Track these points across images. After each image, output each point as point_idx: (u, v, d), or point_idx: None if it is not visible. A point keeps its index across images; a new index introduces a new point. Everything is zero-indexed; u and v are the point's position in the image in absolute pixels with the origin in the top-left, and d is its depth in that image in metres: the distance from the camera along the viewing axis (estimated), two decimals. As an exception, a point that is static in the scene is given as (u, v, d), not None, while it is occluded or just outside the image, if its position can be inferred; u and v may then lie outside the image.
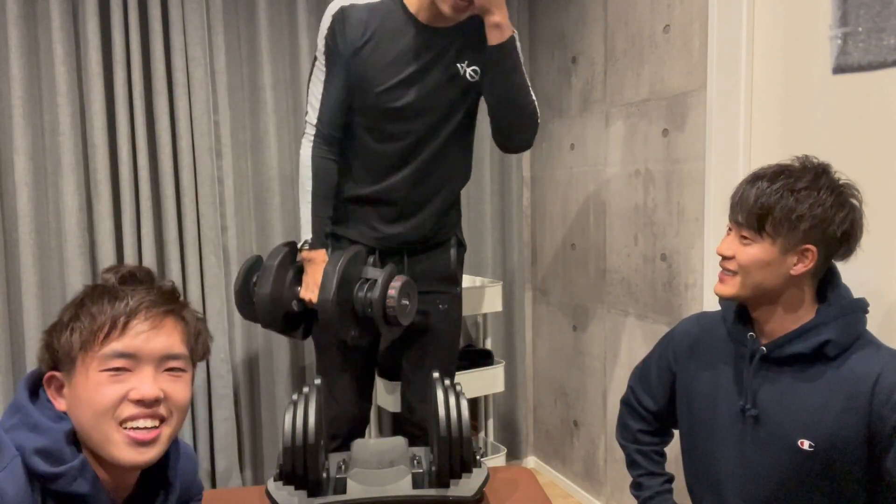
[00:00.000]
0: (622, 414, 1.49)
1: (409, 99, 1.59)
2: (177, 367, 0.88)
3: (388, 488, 1.22)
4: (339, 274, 1.51)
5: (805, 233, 1.11)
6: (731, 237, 1.18)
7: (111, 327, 0.83)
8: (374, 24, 1.58)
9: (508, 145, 1.68)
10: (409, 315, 1.61)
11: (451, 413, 1.21)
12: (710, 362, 1.29)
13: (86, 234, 2.11)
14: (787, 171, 1.14)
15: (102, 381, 0.82)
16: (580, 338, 2.54)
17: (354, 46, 1.58)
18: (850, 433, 1.10)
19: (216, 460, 2.30)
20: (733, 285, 1.18)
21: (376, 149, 1.64)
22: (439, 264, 1.76)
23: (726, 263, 1.19)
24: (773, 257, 1.13)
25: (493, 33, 1.51)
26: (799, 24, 1.61)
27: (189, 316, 0.92)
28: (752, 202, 1.13)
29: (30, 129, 2.02)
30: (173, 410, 0.87)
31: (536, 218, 2.81)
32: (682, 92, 1.96)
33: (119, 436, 0.82)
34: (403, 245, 1.71)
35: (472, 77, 1.62)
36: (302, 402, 1.21)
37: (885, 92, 1.42)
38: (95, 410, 0.82)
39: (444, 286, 1.76)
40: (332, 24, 1.58)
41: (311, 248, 1.64)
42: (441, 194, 1.70)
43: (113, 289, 0.87)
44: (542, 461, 2.86)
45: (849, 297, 1.17)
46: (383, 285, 1.54)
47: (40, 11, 2.03)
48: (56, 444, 0.81)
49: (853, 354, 1.12)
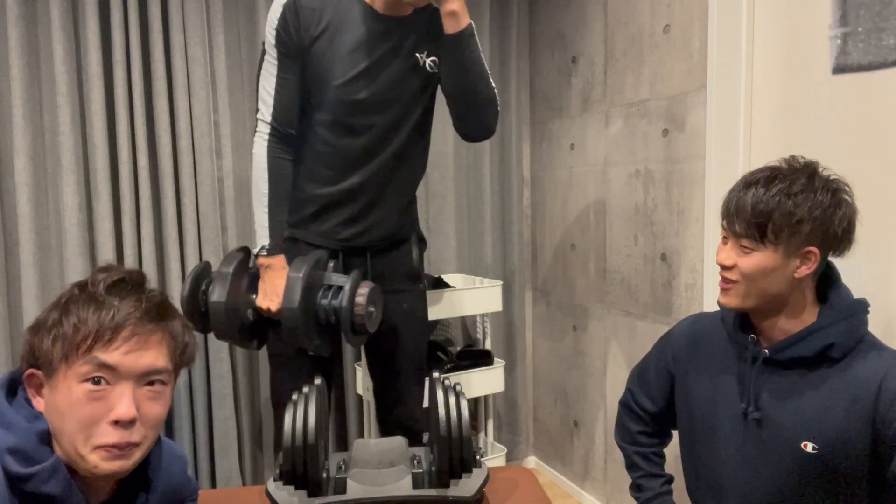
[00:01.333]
0: (621, 416, 1.49)
1: (370, 91, 1.54)
2: (159, 381, 0.86)
3: (388, 488, 1.22)
4: (303, 281, 1.44)
5: (807, 235, 1.10)
6: (729, 246, 1.17)
7: (95, 340, 0.81)
8: (329, 14, 1.52)
9: (469, 134, 1.64)
10: (376, 322, 1.56)
11: (451, 413, 1.21)
12: (709, 364, 1.29)
13: (86, 234, 2.11)
14: (779, 174, 1.13)
15: (81, 398, 0.80)
16: (580, 338, 2.54)
17: (310, 38, 1.52)
18: (854, 436, 1.10)
19: (216, 460, 2.30)
20: (737, 295, 1.16)
21: (338, 145, 1.58)
22: (402, 262, 1.72)
23: (727, 273, 1.17)
24: (777, 263, 1.11)
25: (449, 22, 1.47)
26: (799, 24, 1.61)
27: (177, 328, 0.90)
28: (750, 210, 1.11)
29: (30, 129, 2.02)
30: (147, 430, 0.85)
31: (536, 218, 2.81)
32: (682, 92, 1.96)
33: (98, 455, 0.81)
34: (366, 245, 1.66)
35: (431, 68, 1.58)
36: (302, 402, 1.21)
37: (885, 92, 1.42)
38: (71, 425, 0.80)
39: (407, 284, 1.73)
40: (284, 13, 1.50)
41: (269, 253, 1.55)
42: (403, 190, 1.66)
43: (100, 297, 0.83)
44: (542, 461, 2.86)
45: (850, 297, 1.17)
46: (350, 293, 1.48)
47: (40, 11, 2.03)
48: (28, 444, 0.79)
49: (857, 357, 1.12)
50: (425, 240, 1.82)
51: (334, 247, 1.65)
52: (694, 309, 1.95)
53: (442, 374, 1.31)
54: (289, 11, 1.51)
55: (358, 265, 1.67)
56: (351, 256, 1.66)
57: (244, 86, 2.30)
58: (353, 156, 1.59)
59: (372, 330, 1.54)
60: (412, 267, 1.74)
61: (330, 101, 1.55)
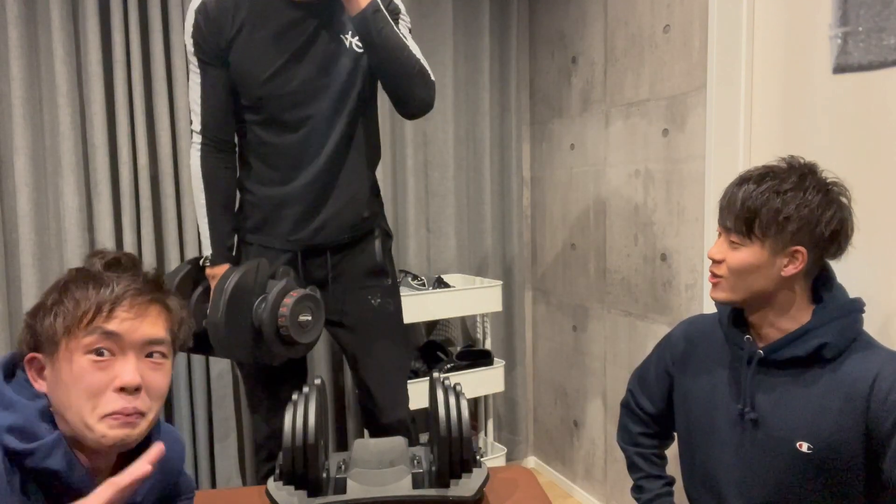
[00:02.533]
0: (622, 417, 1.49)
1: (299, 80, 1.49)
2: (159, 353, 0.89)
3: (388, 488, 1.22)
4: (228, 292, 1.38)
5: (793, 234, 1.10)
6: (720, 241, 1.19)
7: (96, 313, 0.84)
8: (244, 11, 1.47)
9: (406, 110, 1.56)
10: (311, 332, 1.48)
11: (451, 413, 1.21)
12: (707, 365, 1.29)
13: (86, 234, 2.11)
14: (773, 172, 1.14)
15: (86, 367, 0.83)
16: (580, 338, 2.54)
17: (226, 38, 1.47)
18: (848, 435, 1.10)
19: (216, 460, 2.30)
20: (724, 289, 1.18)
21: (277, 143, 1.53)
22: (364, 258, 1.65)
23: (715, 268, 1.19)
24: (763, 260, 1.13)
25: (348, 5, 1.42)
26: (799, 24, 1.61)
27: (173, 304, 0.93)
28: (739, 206, 1.13)
29: (30, 129, 2.02)
30: (152, 400, 0.88)
31: (536, 218, 2.81)
32: (682, 92, 1.96)
33: (106, 423, 0.83)
34: (324, 243, 1.60)
35: (358, 48, 1.52)
36: (302, 402, 1.21)
37: (885, 92, 1.42)
38: (77, 395, 0.82)
39: (372, 280, 1.65)
40: (196, 20, 1.47)
41: (213, 264, 1.53)
42: (355, 179, 1.60)
43: (98, 274, 0.87)
44: (542, 461, 2.86)
45: (844, 297, 1.17)
46: (273, 303, 1.41)
47: (40, 12, 2.03)
48: (29, 421, 0.81)
49: (850, 356, 1.12)
50: (391, 234, 1.74)
51: (291, 248, 1.59)
52: (694, 309, 1.95)
53: (442, 374, 1.31)
54: (200, 16, 1.48)
55: (319, 266, 1.61)
56: (311, 257, 1.61)
57: (244, 86, 2.30)
58: (295, 152, 1.53)
59: (306, 341, 1.48)
60: (376, 262, 1.66)
61: (259, 99, 1.51)
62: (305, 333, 1.46)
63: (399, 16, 1.56)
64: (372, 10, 1.42)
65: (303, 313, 1.44)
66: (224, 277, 1.42)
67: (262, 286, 1.47)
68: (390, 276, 1.71)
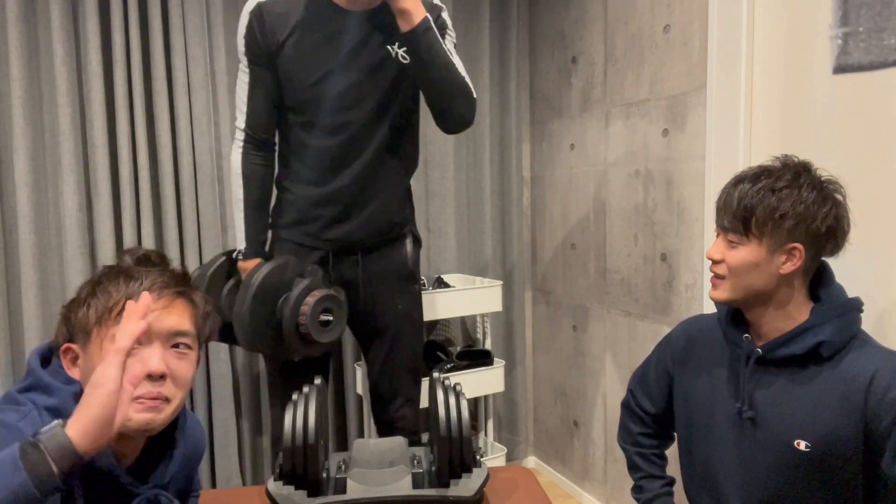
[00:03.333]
0: (622, 417, 1.49)
1: (343, 86, 1.53)
2: (184, 344, 0.92)
3: (388, 488, 1.22)
4: (255, 287, 1.43)
5: (790, 231, 1.11)
6: (718, 241, 1.20)
7: (120, 307, 0.88)
8: (296, 16, 1.52)
9: (447, 125, 1.61)
10: (331, 332, 1.50)
11: (451, 413, 1.21)
12: (706, 365, 1.30)
13: (86, 234, 2.11)
14: (768, 171, 1.15)
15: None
16: (580, 338, 2.54)
17: (277, 42, 1.53)
18: (845, 433, 1.10)
19: (216, 460, 2.30)
20: (725, 289, 1.19)
21: (317, 146, 1.57)
22: (396, 262, 1.69)
23: (715, 268, 1.20)
24: (761, 258, 1.13)
25: (402, 20, 1.45)
26: (799, 24, 1.61)
27: (198, 298, 0.97)
28: (736, 205, 1.14)
29: (30, 129, 2.02)
30: (177, 388, 0.91)
31: (536, 218, 2.81)
32: (682, 92, 1.96)
33: (133, 406, 0.86)
34: (357, 242, 1.64)
35: (404, 59, 1.55)
36: (302, 402, 1.21)
37: (885, 92, 1.42)
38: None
39: (401, 285, 1.71)
40: (250, 22, 1.53)
41: (245, 257, 1.58)
42: (391, 186, 1.64)
43: (129, 269, 0.93)
44: (542, 461, 2.86)
45: (842, 296, 1.18)
46: (296, 301, 1.44)
47: (40, 11, 2.03)
48: (64, 403, 0.86)
49: (848, 354, 1.13)
50: (421, 239, 1.79)
51: (324, 247, 1.63)
52: (694, 309, 1.95)
53: (442, 374, 1.31)
54: (255, 19, 1.53)
55: (350, 266, 1.65)
56: (342, 256, 1.65)
57: (244, 86, 2.30)
58: (334, 155, 1.58)
59: (324, 340, 1.50)
60: (407, 267, 1.71)
61: (303, 102, 1.56)
62: (325, 333, 1.49)
63: (446, 30, 1.60)
64: (423, 28, 1.46)
65: (323, 313, 1.47)
66: (252, 272, 1.46)
67: (289, 284, 1.50)
68: (417, 282, 1.76)
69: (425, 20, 1.46)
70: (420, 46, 1.46)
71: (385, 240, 1.68)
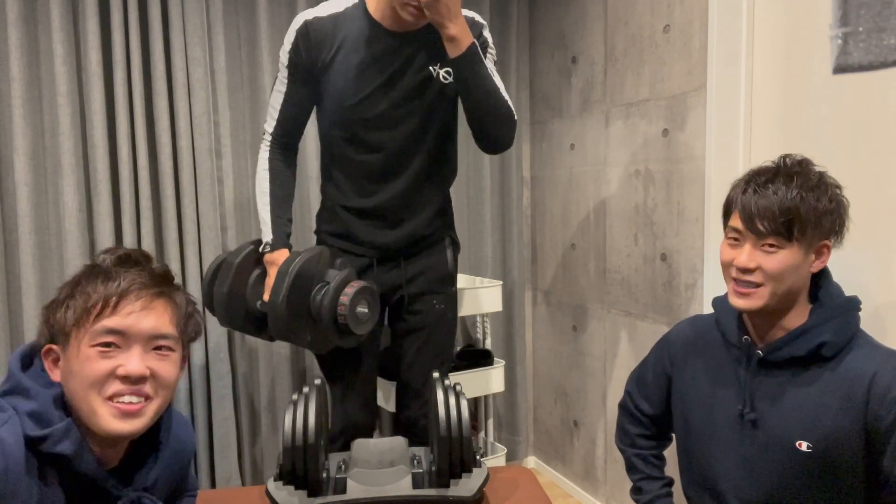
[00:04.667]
0: (620, 418, 1.49)
1: (384, 107, 1.58)
2: (165, 346, 0.91)
3: (388, 488, 1.22)
4: (291, 276, 1.44)
5: (826, 229, 1.12)
6: (748, 248, 1.13)
7: (103, 306, 0.87)
8: (341, 36, 1.56)
9: (487, 147, 1.65)
10: (366, 324, 1.53)
11: (451, 413, 1.21)
12: (705, 366, 1.29)
13: (86, 234, 2.11)
14: (789, 171, 1.13)
15: (92, 356, 0.86)
16: (580, 338, 2.54)
17: (323, 61, 1.57)
18: (847, 433, 1.10)
19: (216, 460, 2.29)
20: (762, 297, 1.12)
21: (359, 161, 1.63)
22: (436, 265, 1.75)
23: (749, 276, 1.13)
24: (800, 260, 1.12)
25: (451, 46, 1.48)
26: (799, 24, 1.61)
27: (180, 298, 0.96)
28: (777, 208, 1.09)
29: (30, 129, 2.02)
30: (159, 388, 0.90)
31: (536, 218, 2.81)
32: (682, 92, 1.96)
33: (105, 408, 0.86)
34: (398, 252, 1.70)
35: (445, 79, 1.60)
36: (302, 402, 1.21)
37: (885, 92, 1.42)
38: (84, 383, 0.86)
39: (440, 286, 1.76)
40: (297, 39, 1.57)
41: (272, 249, 1.61)
42: (432, 199, 1.70)
43: (107, 269, 0.91)
44: (542, 461, 2.86)
45: (841, 295, 1.17)
46: (335, 291, 1.46)
47: (40, 12, 2.03)
48: (44, 407, 0.84)
49: (848, 354, 1.12)
50: (459, 243, 1.84)
51: (368, 255, 1.69)
52: (694, 309, 1.95)
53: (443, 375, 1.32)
54: (301, 38, 1.57)
55: (392, 272, 1.70)
56: (385, 263, 1.70)
57: (244, 86, 2.30)
58: (377, 170, 1.63)
59: (360, 332, 1.52)
60: (446, 270, 1.77)
61: (345, 120, 1.61)
62: (361, 324, 1.51)
63: (487, 48, 1.63)
64: (471, 54, 1.49)
65: (360, 304, 1.49)
66: (288, 262, 1.48)
67: (322, 275, 1.52)
68: (454, 285, 1.81)
69: (472, 46, 1.49)
70: (467, 73, 1.50)
71: (425, 245, 1.74)
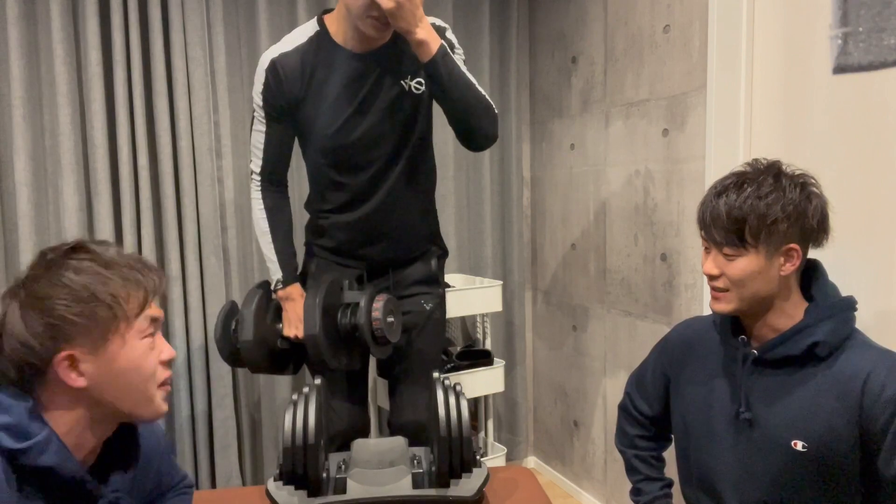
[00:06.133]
0: (619, 419, 1.49)
1: (363, 129, 1.60)
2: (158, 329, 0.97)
3: (388, 488, 1.22)
4: (320, 307, 1.52)
5: (785, 233, 1.11)
6: (712, 256, 1.18)
7: (144, 303, 0.91)
8: (309, 68, 1.57)
9: (473, 144, 1.65)
10: (397, 331, 1.63)
11: (451, 413, 1.21)
12: (703, 367, 1.30)
13: (86, 234, 2.10)
14: (746, 178, 1.14)
15: (145, 350, 0.90)
16: (580, 338, 2.54)
17: (296, 96, 1.59)
18: (842, 433, 1.10)
19: (216, 460, 2.29)
20: (730, 301, 1.17)
21: (344, 182, 1.65)
22: (421, 269, 1.79)
23: (715, 283, 1.18)
24: (761, 265, 1.13)
25: (421, 51, 1.48)
26: (799, 24, 1.61)
27: None
28: (726, 218, 1.13)
29: (30, 129, 2.02)
30: None
31: (536, 218, 2.81)
32: (682, 92, 1.96)
33: (160, 394, 0.93)
34: (387, 262, 1.74)
35: (417, 90, 1.63)
36: (302, 402, 1.21)
37: (885, 92, 1.42)
38: (142, 375, 0.90)
39: (426, 287, 1.79)
40: (267, 79, 1.58)
41: (285, 285, 1.66)
42: (416, 205, 1.73)
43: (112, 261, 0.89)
44: (542, 461, 2.86)
45: (836, 295, 1.18)
46: (366, 308, 1.56)
47: (40, 12, 2.03)
48: (20, 420, 0.83)
49: (843, 354, 1.13)
50: (447, 250, 1.87)
51: (359, 266, 1.73)
52: (694, 309, 1.95)
53: (442, 374, 1.32)
54: (270, 76, 1.58)
55: (382, 280, 1.75)
56: (375, 272, 1.75)
57: (244, 86, 2.30)
58: (362, 188, 1.66)
59: (394, 339, 1.62)
60: (431, 272, 1.80)
61: (327, 148, 1.63)
62: (395, 332, 1.62)
63: (454, 48, 1.62)
64: (441, 55, 1.49)
65: (389, 315, 1.60)
66: (311, 295, 1.55)
67: (338, 299, 1.63)
68: (441, 286, 1.84)
69: (441, 47, 1.49)
70: (441, 74, 1.50)
71: (414, 255, 1.77)
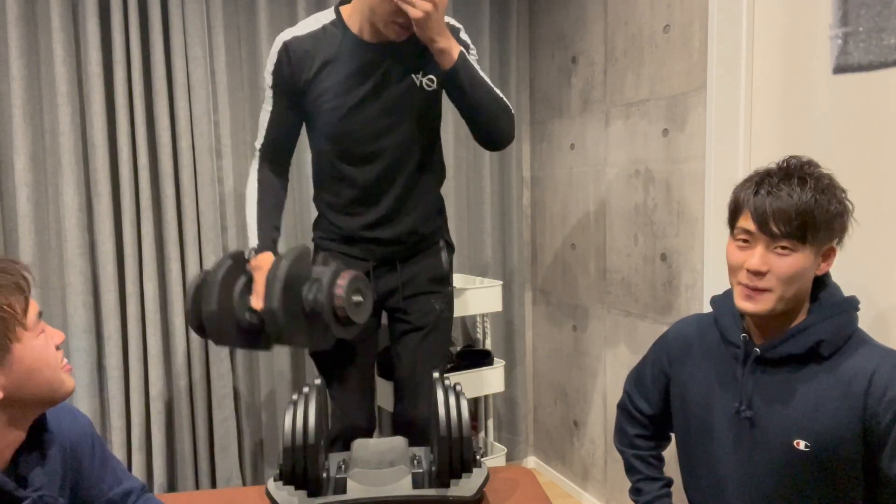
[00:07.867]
0: (619, 419, 1.49)
1: (371, 118, 1.60)
2: None
3: (388, 488, 1.22)
4: (281, 279, 1.42)
5: (835, 231, 1.11)
6: (759, 251, 1.11)
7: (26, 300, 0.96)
8: (322, 53, 1.58)
9: (492, 144, 1.67)
10: (364, 312, 1.54)
11: (451, 413, 1.21)
12: (704, 365, 1.29)
13: (86, 234, 2.11)
14: (801, 172, 1.11)
15: (42, 343, 0.97)
16: (580, 338, 2.54)
17: (305, 80, 1.59)
18: (845, 432, 1.10)
19: (216, 460, 2.30)
20: (768, 301, 1.11)
21: (353, 174, 1.65)
22: (431, 267, 1.78)
23: (759, 281, 1.11)
24: (810, 263, 1.10)
25: (442, 59, 1.50)
26: (799, 24, 1.61)
27: None
28: (793, 210, 1.08)
29: (30, 129, 2.02)
30: None
31: (536, 218, 2.81)
32: (682, 92, 1.96)
33: (65, 374, 1.00)
34: (395, 256, 1.73)
35: (428, 86, 1.62)
36: (302, 402, 1.21)
37: (885, 92, 1.42)
38: (51, 366, 0.97)
39: (437, 286, 1.78)
40: (279, 59, 1.59)
41: (258, 252, 1.59)
42: (423, 203, 1.73)
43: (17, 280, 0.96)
44: (542, 461, 2.86)
45: (840, 295, 1.17)
46: (328, 284, 1.46)
47: (40, 12, 2.03)
48: None
49: (846, 353, 1.12)
50: (454, 245, 1.87)
51: (367, 258, 1.71)
52: (694, 309, 1.95)
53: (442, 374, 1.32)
54: (283, 56, 1.59)
55: (390, 276, 1.73)
56: (382, 267, 1.73)
57: (244, 86, 2.30)
58: (369, 183, 1.65)
59: (360, 321, 1.52)
60: (442, 271, 1.80)
61: (334, 134, 1.62)
62: (359, 312, 1.53)
63: (469, 49, 1.63)
64: (462, 62, 1.50)
65: (355, 293, 1.51)
66: (275, 266, 1.46)
67: (308, 273, 1.53)
68: (450, 285, 1.84)
69: (461, 54, 1.51)
70: (462, 81, 1.51)
71: (421, 248, 1.77)
